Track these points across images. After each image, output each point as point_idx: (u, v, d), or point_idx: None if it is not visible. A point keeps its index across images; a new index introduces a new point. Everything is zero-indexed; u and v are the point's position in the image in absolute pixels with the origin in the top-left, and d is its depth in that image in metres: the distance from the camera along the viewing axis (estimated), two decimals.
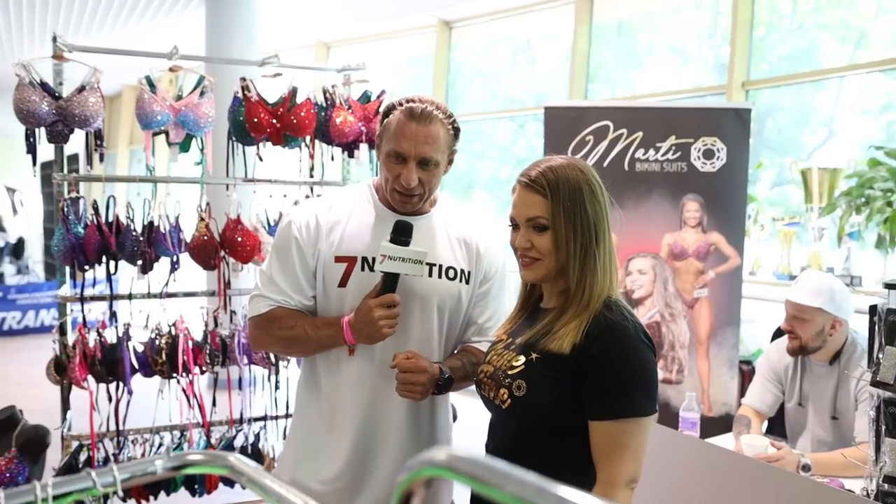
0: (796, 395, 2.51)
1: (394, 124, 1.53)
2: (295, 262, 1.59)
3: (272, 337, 1.62)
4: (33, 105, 2.46)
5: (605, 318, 1.28)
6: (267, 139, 2.78)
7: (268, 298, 1.60)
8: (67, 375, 2.64)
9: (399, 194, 1.55)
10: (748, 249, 3.80)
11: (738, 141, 3.36)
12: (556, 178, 1.32)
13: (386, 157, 1.54)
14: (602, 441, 1.27)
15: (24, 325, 8.06)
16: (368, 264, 1.57)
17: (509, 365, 1.35)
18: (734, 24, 4.57)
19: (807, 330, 2.34)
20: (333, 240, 1.58)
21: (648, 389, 1.29)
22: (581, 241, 1.31)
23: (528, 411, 1.31)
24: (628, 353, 1.28)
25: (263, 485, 0.75)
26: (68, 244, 2.56)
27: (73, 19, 6.29)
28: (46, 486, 0.72)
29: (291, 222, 1.61)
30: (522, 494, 0.46)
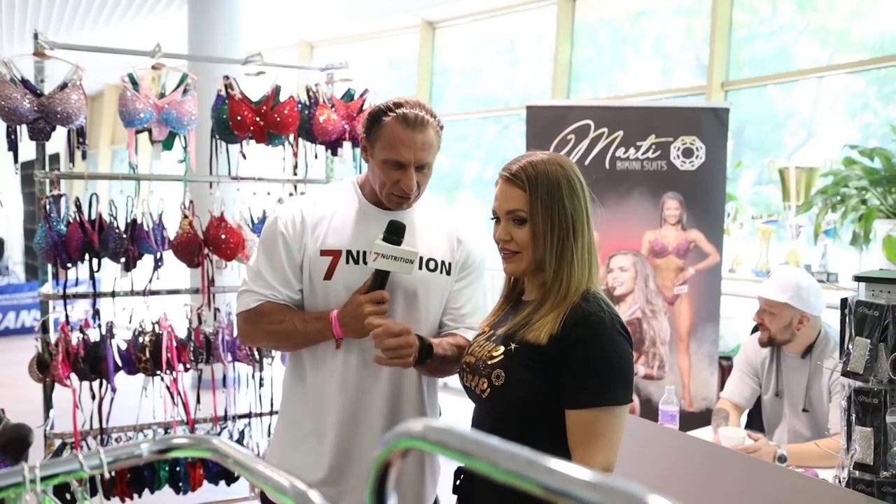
0: (773, 387, 2.56)
1: (389, 132, 1.56)
2: (282, 257, 1.62)
3: (261, 332, 1.65)
4: (14, 102, 2.46)
5: (582, 310, 1.31)
6: (250, 137, 2.79)
7: (256, 293, 1.63)
8: (50, 373, 2.63)
9: (397, 198, 1.60)
10: (728, 247, 3.86)
11: (717, 140, 3.42)
12: (536, 172, 1.35)
13: (383, 164, 1.57)
14: (577, 430, 1.30)
15: (5, 327, 7.98)
16: (353, 257, 1.61)
17: (489, 355, 1.38)
18: (713, 26, 4.63)
19: (775, 323, 2.42)
20: (319, 234, 1.62)
21: (623, 379, 1.32)
22: (558, 235, 1.34)
23: (506, 400, 1.34)
24: (603, 342, 1.30)
25: (248, 466, 0.77)
26: (51, 242, 2.56)
27: (54, 17, 6.25)
28: (34, 468, 0.73)
29: (278, 218, 1.65)
30: (495, 460, 0.48)
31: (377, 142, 1.58)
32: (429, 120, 1.57)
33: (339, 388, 1.62)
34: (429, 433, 0.53)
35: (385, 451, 0.55)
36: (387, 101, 1.60)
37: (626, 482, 0.41)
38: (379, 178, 1.60)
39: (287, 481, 0.71)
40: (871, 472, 1.65)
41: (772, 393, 2.57)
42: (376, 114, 1.60)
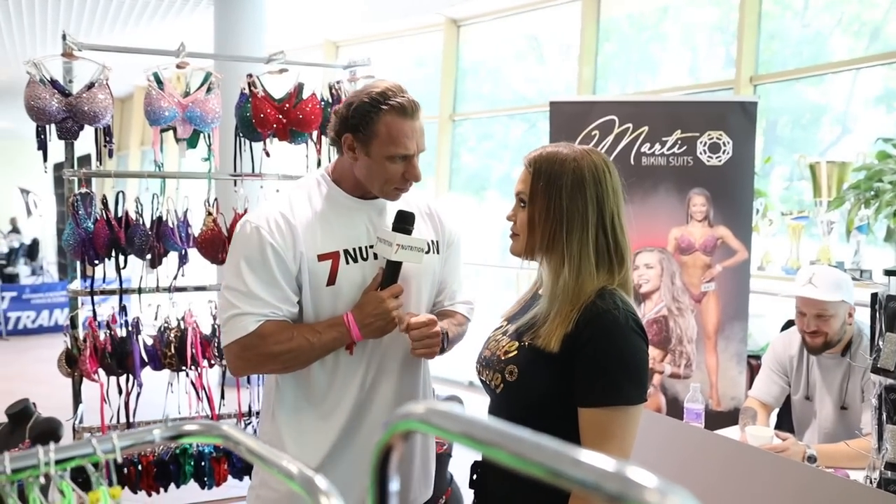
0: (803, 388, 2.50)
1: (388, 127, 1.47)
2: (274, 270, 1.48)
3: (264, 356, 1.48)
4: (43, 102, 2.50)
5: (596, 307, 1.29)
6: (273, 135, 2.81)
7: (252, 314, 1.47)
8: (78, 368, 2.68)
9: (398, 190, 1.55)
10: (757, 244, 3.79)
11: (745, 134, 3.36)
12: (545, 160, 1.35)
13: (387, 160, 1.49)
14: (588, 428, 1.28)
15: (39, 325, 8.17)
16: (351, 256, 1.54)
17: (504, 350, 1.38)
18: (742, 19, 4.55)
19: (832, 325, 2.34)
20: (311, 238, 1.51)
21: (636, 378, 1.29)
22: (551, 226, 1.32)
23: (519, 396, 1.33)
24: (617, 340, 1.28)
25: (258, 452, 0.77)
26: (78, 239, 2.60)
27: (84, 20, 6.37)
28: (49, 451, 0.74)
29: (259, 228, 1.49)
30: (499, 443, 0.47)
31: (373, 140, 1.48)
32: (418, 104, 1.52)
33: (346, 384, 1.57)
34: (431, 416, 0.52)
35: (387, 433, 0.54)
36: (367, 93, 1.49)
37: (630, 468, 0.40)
38: (380, 175, 1.51)
39: (295, 467, 0.71)
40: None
41: (801, 395, 2.51)
42: (363, 110, 1.48)
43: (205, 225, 2.77)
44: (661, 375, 3.40)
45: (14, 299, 8.09)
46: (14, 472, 0.74)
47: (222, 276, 1.55)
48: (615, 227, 1.34)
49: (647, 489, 0.38)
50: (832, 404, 2.41)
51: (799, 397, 2.53)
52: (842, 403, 2.38)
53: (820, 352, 2.40)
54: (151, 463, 2.77)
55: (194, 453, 2.83)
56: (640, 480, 0.38)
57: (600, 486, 0.39)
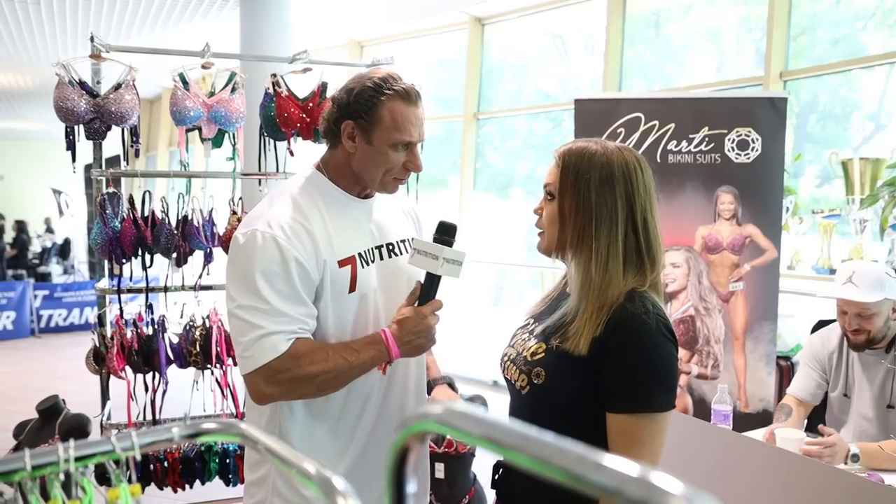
0: (841, 384, 2.45)
1: (392, 113, 1.41)
2: (297, 284, 1.37)
3: (300, 379, 1.36)
4: (72, 103, 2.54)
5: (625, 311, 1.25)
6: (297, 134, 2.82)
7: (282, 333, 1.34)
8: (106, 365, 2.71)
9: (398, 180, 1.49)
10: (786, 243, 3.71)
11: (774, 131, 3.29)
12: (575, 154, 1.32)
13: (390, 147, 1.43)
14: (617, 435, 1.25)
15: (70, 322, 8.31)
16: (364, 260, 1.48)
17: (531, 351, 1.35)
18: (771, 13, 4.47)
19: (874, 323, 2.29)
20: (328, 244, 1.43)
21: (666, 384, 1.26)
22: (581, 222, 1.29)
23: (545, 399, 1.31)
24: (647, 345, 1.25)
25: (276, 451, 0.76)
26: (105, 238, 2.64)
27: (112, 23, 6.47)
28: (68, 448, 0.74)
29: (276, 238, 1.37)
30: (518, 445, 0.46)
31: (376, 127, 1.41)
32: (418, 90, 1.46)
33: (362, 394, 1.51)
34: (449, 416, 0.50)
35: (404, 433, 0.53)
36: (369, 78, 1.44)
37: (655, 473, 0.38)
38: (381, 164, 1.44)
39: (313, 467, 0.70)
40: None
41: (840, 392, 2.45)
42: (365, 95, 1.42)
43: (229, 224, 2.79)
44: (687, 376, 3.35)
45: (46, 298, 8.25)
46: (35, 468, 0.74)
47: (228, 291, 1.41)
48: (646, 225, 1.30)
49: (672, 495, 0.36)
50: (872, 402, 2.35)
51: (837, 394, 2.47)
52: (888, 402, 2.32)
53: (863, 348, 2.35)
54: (177, 460, 2.79)
55: (219, 451, 2.85)
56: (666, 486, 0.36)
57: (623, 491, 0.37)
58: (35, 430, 2.83)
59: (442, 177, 7.10)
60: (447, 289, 1.50)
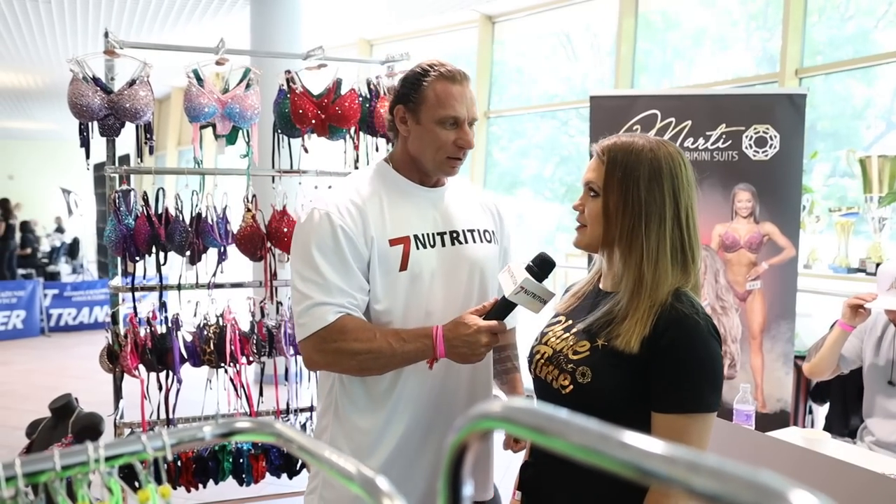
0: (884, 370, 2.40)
1: (437, 92, 1.48)
2: (347, 256, 1.44)
3: (343, 352, 1.42)
4: (86, 99, 2.52)
5: (676, 310, 1.24)
6: (312, 131, 2.80)
7: (331, 305, 1.41)
8: (119, 364, 2.69)
9: (451, 160, 1.52)
10: (803, 241, 3.67)
11: (792, 128, 3.25)
12: (621, 150, 1.30)
13: (437, 125, 1.48)
14: (665, 434, 1.23)
15: (80, 322, 8.32)
16: (421, 242, 1.52)
17: (572, 349, 1.32)
18: (786, 10, 4.42)
19: None
20: (381, 222, 1.49)
21: (716, 384, 1.26)
22: (630, 219, 1.27)
23: (591, 399, 1.28)
24: (698, 345, 1.24)
25: (313, 451, 0.74)
26: (119, 235, 2.62)
27: (123, 22, 6.47)
28: (98, 448, 0.72)
29: (329, 214, 1.45)
30: (584, 442, 0.43)
31: (422, 105, 1.49)
32: (467, 75, 1.53)
33: (416, 386, 1.52)
34: (510, 413, 0.47)
35: (463, 432, 0.50)
36: (415, 67, 1.52)
37: (752, 471, 0.35)
38: (432, 143, 1.50)
39: (354, 467, 0.68)
40: None
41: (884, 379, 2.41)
42: (412, 79, 1.51)
43: (244, 221, 2.77)
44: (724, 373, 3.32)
45: (56, 297, 8.26)
46: (64, 468, 0.72)
47: (291, 266, 1.51)
48: (690, 222, 1.30)
49: None
50: None
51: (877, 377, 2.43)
52: None
53: None
54: (191, 459, 2.77)
55: (233, 450, 2.83)
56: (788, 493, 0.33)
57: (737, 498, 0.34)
58: (48, 428, 2.81)
59: None
60: None
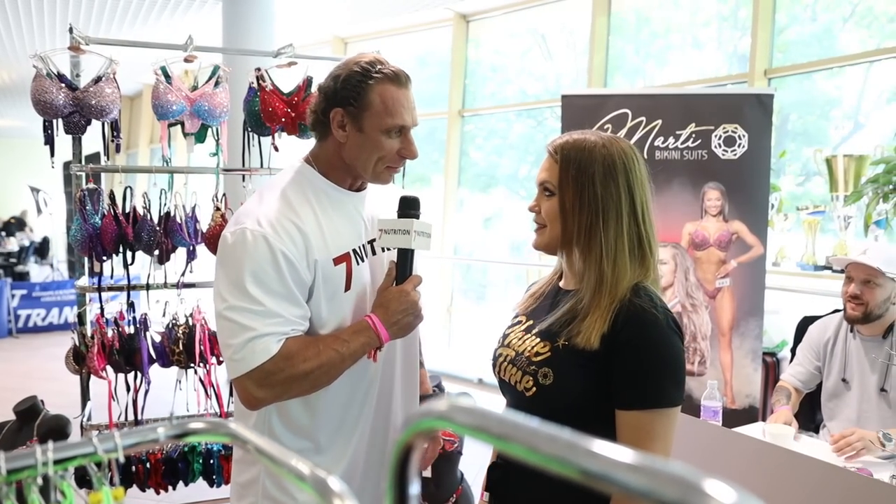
0: (837, 370, 2.48)
1: (382, 98, 1.36)
2: (288, 281, 1.32)
3: (291, 378, 1.31)
4: (50, 96, 2.48)
5: (633, 305, 1.24)
6: (282, 129, 2.77)
7: (273, 334, 1.30)
8: (86, 365, 2.65)
9: (391, 169, 1.44)
10: (772, 239, 3.72)
11: (761, 128, 3.30)
12: (573, 147, 1.30)
13: (382, 134, 1.37)
14: (630, 431, 1.24)
15: (49, 322, 8.17)
16: (359, 255, 1.44)
17: (533, 351, 1.31)
18: (755, 11, 4.48)
19: (876, 295, 2.35)
20: (321, 242, 1.37)
21: (677, 378, 1.26)
22: (587, 216, 1.27)
23: (554, 400, 1.28)
24: (657, 340, 1.24)
25: (267, 452, 0.73)
26: (85, 234, 2.58)
27: (92, 18, 6.36)
28: (47, 451, 0.71)
29: (266, 237, 1.31)
30: (519, 438, 0.43)
31: (366, 112, 1.36)
32: (407, 73, 1.41)
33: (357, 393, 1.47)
34: (452, 412, 0.47)
35: (407, 431, 0.50)
36: (353, 66, 1.38)
37: (675, 465, 0.35)
38: (373, 152, 1.38)
39: (307, 468, 0.67)
40: None
41: (836, 377, 2.48)
42: (353, 81, 1.36)
43: (213, 220, 2.74)
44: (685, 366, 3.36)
45: (24, 297, 8.11)
46: (10, 472, 0.70)
47: (217, 292, 1.35)
48: (645, 215, 1.29)
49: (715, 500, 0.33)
50: (873, 388, 2.39)
51: (833, 380, 2.50)
52: (882, 385, 2.36)
53: (859, 322, 2.40)
54: (159, 461, 2.74)
55: (203, 451, 2.80)
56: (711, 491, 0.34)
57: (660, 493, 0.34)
58: (12, 431, 2.76)
59: (424, 174, 7.07)
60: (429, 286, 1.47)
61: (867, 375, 2.41)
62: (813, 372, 2.56)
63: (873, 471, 1.99)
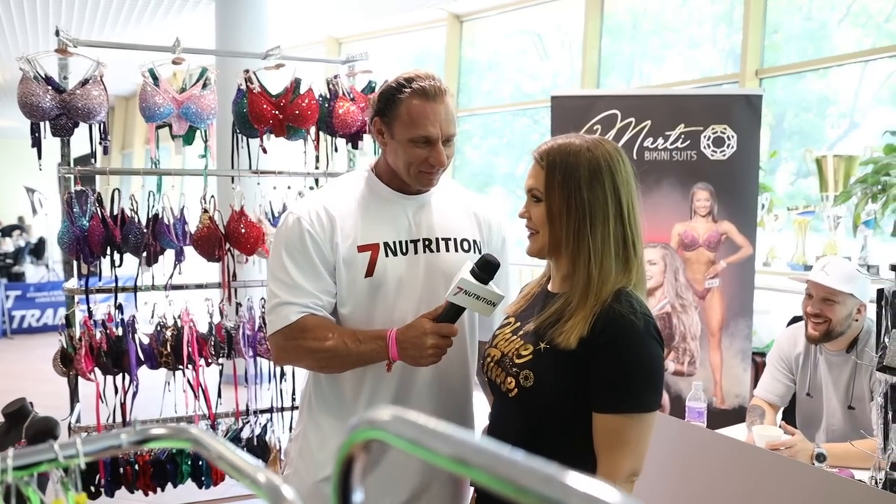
0: (807, 386, 2.46)
1: (409, 109, 1.48)
2: (314, 259, 1.50)
3: (303, 350, 1.49)
4: (37, 98, 2.48)
5: (613, 311, 1.25)
6: (270, 131, 2.78)
7: (295, 305, 1.48)
8: (74, 367, 2.66)
9: (426, 175, 1.53)
10: (763, 240, 3.73)
11: (749, 128, 3.30)
12: (558, 152, 1.31)
13: (409, 143, 1.49)
14: (604, 434, 1.25)
15: (44, 323, 8.17)
16: (391, 250, 1.53)
17: (517, 353, 1.33)
18: (746, 12, 4.49)
19: (837, 313, 2.30)
20: (350, 229, 1.52)
21: (654, 384, 1.27)
22: (575, 221, 1.28)
23: (534, 402, 1.29)
24: (635, 345, 1.25)
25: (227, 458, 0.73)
26: (73, 237, 2.58)
27: (85, 19, 6.36)
28: (6, 458, 0.71)
29: (300, 218, 1.52)
30: (446, 450, 0.44)
31: (396, 122, 1.50)
32: (445, 89, 1.52)
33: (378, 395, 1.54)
34: (388, 424, 0.48)
35: (346, 443, 0.50)
36: (392, 81, 1.52)
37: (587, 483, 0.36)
38: (404, 159, 1.51)
39: (263, 476, 0.68)
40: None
41: (805, 392, 2.46)
42: (388, 93, 1.51)
43: (200, 222, 2.74)
44: (664, 373, 3.36)
45: (18, 298, 8.10)
46: None
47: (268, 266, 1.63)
48: (631, 216, 1.30)
49: None
50: (839, 403, 2.36)
51: (803, 396, 2.48)
52: (849, 403, 2.33)
53: (821, 341, 2.35)
54: (148, 462, 2.74)
55: (191, 452, 2.81)
56: None
57: None
58: (1, 434, 2.76)
59: None
60: None
61: (832, 391, 2.39)
62: (788, 384, 2.51)
63: (855, 473, 1.99)
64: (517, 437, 1.33)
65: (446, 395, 1.60)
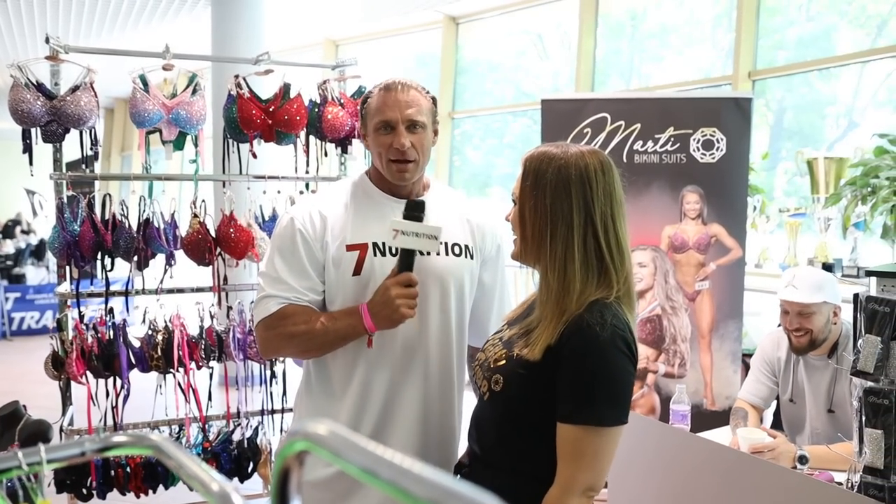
0: (789, 390, 2.48)
1: (375, 101, 1.59)
2: (302, 257, 1.57)
3: (283, 336, 1.56)
4: (27, 105, 2.50)
5: (581, 320, 1.24)
6: (259, 136, 2.80)
7: (277, 297, 1.56)
8: (65, 370, 2.68)
9: (395, 163, 1.57)
10: (755, 241, 3.74)
11: (739, 131, 3.32)
12: (536, 159, 1.32)
13: (374, 132, 1.58)
14: (562, 443, 1.24)
15: (43, 325, 8.18)
16: (380, 250, 1.57)
17: (495, 358, 1.35)
18: (740, 13, 4.51)
19: (815, 322, 2.32)
20: (341, 229, 1.58)
21: (615, 399, 1.24)
22: (538, 228, 1.29)
23: (503, 406, 1.32)
24: (595, 357, 1.23)
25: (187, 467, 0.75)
26: (64, 241, 2.60)
27: (82, 24, 6.39)
28: None
29: (293, 218, 1.60)
30: (358, 462, 0.46)
31: (367, 118, 1.61)
32: (411, 84, 1.60)
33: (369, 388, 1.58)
34: (316, 437, 0.50)
35: (280, 456, 0.53)
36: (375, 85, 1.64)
37: None
38: (375, 150, 1.60)
39: (216, 484, 0.70)
40: (883, 477, 1.58)
41: (788, 396, 2.48)
42: (365, 97, 1.64)
43: (191, 227, 2.76)
44: (654, 375, 3.37)
45: (18, 300, 8.13)
46: None
47: None
48: (607, 231, 1.27)
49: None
50: (820, 407, 2.38)
51: (785, 399, 2.50)
52: (829, 406, 2.35)
53: (806, 351, 2.37)
54: (139, 465, 2.77)
55: None
56: None
57: None
58: None
59: None
60: None
61: (814, 396, 2.40)
62: (771, 387, 2.53)
63: (834, 475, 2.01)
64: (493, 437, 1.37)
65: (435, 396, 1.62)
